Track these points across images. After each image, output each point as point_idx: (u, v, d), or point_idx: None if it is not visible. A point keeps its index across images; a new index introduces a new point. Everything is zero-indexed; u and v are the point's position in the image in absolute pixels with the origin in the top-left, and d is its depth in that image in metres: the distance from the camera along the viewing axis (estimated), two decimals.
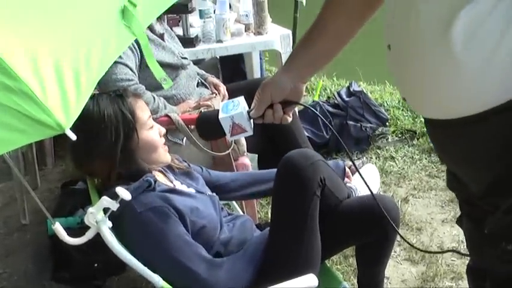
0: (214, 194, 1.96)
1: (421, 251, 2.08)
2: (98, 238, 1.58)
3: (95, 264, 2.54)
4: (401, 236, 1.64)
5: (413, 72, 1.22)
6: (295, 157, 1.84)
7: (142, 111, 1.81)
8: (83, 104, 1.23)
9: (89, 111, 1.71)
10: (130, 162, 1.76)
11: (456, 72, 1.12)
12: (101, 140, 1.71)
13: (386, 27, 1.28)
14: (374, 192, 1.93)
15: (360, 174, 1.83)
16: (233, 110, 1.56)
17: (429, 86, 1.19)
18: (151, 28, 2.69)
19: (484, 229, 1.25)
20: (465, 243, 1.57)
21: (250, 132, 1.58)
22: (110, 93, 1.81)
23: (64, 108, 1.18)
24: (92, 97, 1.75)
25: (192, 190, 1.90)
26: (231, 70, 3.90)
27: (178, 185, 1.89)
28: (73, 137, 1.21)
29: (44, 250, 2.82)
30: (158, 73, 1.74)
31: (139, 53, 2.46)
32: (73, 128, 1.73)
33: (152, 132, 1.82)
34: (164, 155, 1.87)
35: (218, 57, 3.61)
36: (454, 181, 1.41)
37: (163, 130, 1.88)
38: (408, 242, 1.68)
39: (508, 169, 1.15)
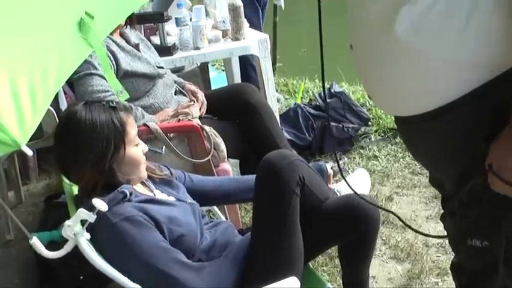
0: (195, 202, 1.95)
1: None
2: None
3: (81, 277, 2.52)
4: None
5: (370, 70, 1.24)
6: (272, 158, 1.86)
7: (131, 128, 1.80)
8: (39, 120, 1.23)
9: (82, 118, 1.70)
10: (110, 174, 1.75)
11: (407, 69, 1.14)
12: (91, 149, 1.70)
13: (347, 27, 1.29)
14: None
15: (342, 174, 1.84)
16: None
17: (386, 83, 1.21)
18: (126, 39, 2.69)
19: (456, 225, 1.26)
20: None
21: None
22: (103, 103, 1.80)
23: (19, 125, 1.18)
24: (85, 104, 1.75)
25: (172, 198, 1.89)
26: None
27: (159, 194, 1.89)
28: (29, 152, 1.21)
29: (30, 265, 2.81)
30: (115, 86, 1.74)
31: (114, 64, 2.46)
32: (64, 135, 1.72)
33: (137, 150, 1.82)
34: (143, 171, 1.86)
35: (197, 64, 3.61)
36: (433, 178, 1.42)
37: (146, 148, 1.88)
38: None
39: (470, 164, 1.16)
